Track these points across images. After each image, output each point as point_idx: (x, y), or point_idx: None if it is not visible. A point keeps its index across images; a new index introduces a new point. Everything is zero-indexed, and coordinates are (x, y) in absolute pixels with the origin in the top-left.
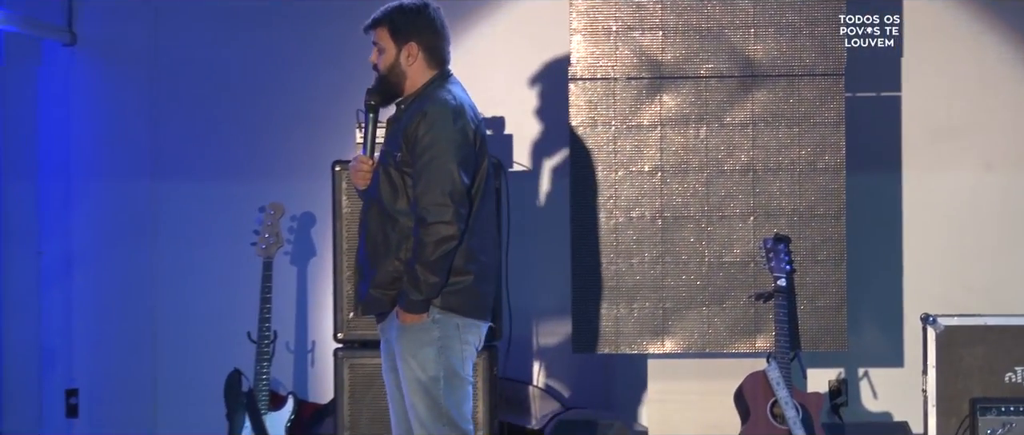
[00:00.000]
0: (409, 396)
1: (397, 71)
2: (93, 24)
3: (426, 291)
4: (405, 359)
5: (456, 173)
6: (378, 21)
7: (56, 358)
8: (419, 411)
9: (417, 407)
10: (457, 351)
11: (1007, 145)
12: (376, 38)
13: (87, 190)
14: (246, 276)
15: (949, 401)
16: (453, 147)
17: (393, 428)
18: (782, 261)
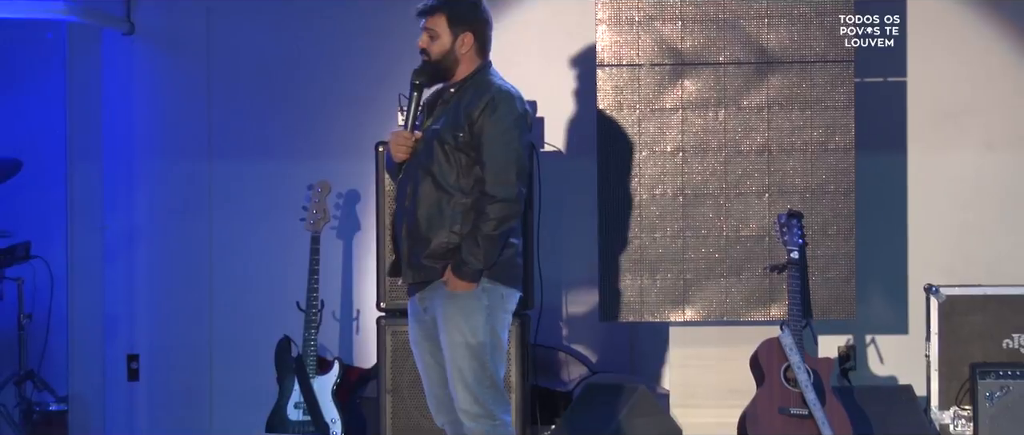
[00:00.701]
0: (456, 360)
1: (450, 58)
2: (150, 14)
3: (484, 261)
4: (455, 324)
5: (523, 154)
6: (435, 8)
7: (118, 325)
8: (465, 374)
9: (464, 371)
10: (500, 319)
11: (1006, 127)
12: (430, 24)
13: (148, 169)
14: (295, 249)
15: (950, 366)
16: (519, 130)
17: (429, 396)
18: (795, 235)
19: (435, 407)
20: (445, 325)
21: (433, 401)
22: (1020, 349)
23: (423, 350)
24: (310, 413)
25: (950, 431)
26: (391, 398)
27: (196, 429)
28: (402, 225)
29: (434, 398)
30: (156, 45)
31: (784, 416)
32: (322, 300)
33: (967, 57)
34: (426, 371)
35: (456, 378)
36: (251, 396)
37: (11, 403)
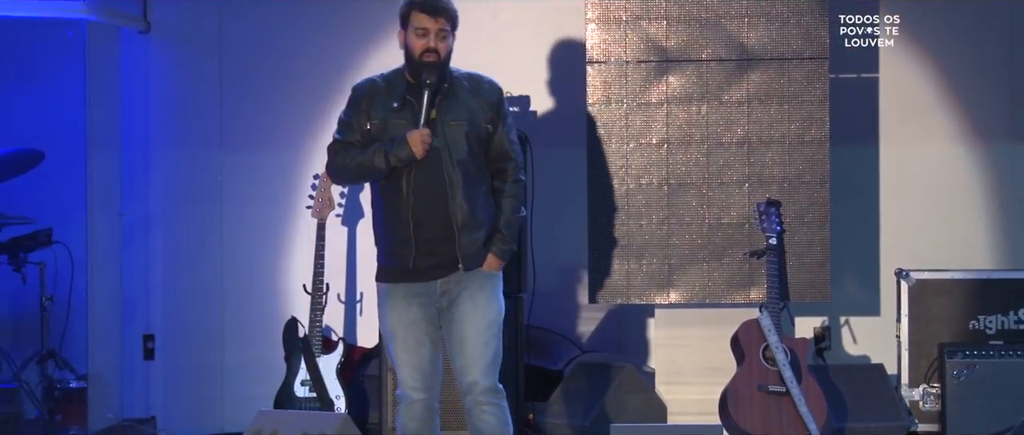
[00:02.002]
0: (486, 339)
1: (449, 57)
2: (165, 13)
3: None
4: (489, 305)
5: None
6: (450, 12)
7: (135, 307)
8: (493, 349)
9: (492, 345)
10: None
11: (972, 121)
12: (445, 26)
13: (163, 159)
14: (302, 236)
15: (920, 346)
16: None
17: (415, 372)
18: (773, 222)
19: (421, 383)
20: (475, 307)
21: (420, 378)
22: (985, 330)
23: (419, 330)
24: (316, 390)
25: (920, 407)
26: (392, 376)
27: (208, 405)
28: (438, 215)
29: (421, 375)
30: (171, 42)
31: (763, 393)
32: (327, 283)
33: (935, 56)
34: (418, 349)
35: (481, 356)
36: (260, 374)
37: (34, 381)
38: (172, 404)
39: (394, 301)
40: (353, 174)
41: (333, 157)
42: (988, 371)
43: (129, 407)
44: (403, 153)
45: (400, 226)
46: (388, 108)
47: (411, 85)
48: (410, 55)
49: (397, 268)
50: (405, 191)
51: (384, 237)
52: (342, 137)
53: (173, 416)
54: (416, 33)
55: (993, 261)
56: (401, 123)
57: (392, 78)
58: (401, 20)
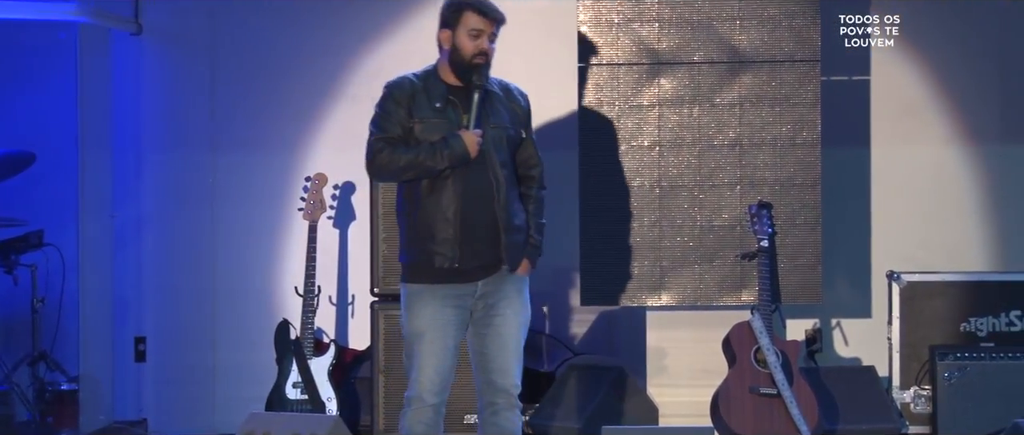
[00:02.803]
0: (518, 342)
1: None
2: (157, 15)
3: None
4: (527, 308)
5: None
6: (504, 20)
7: (126, 309)
8: (520, 351)
9: (520, 348)
10: None
11: (963, 123)
12: (496, 30)
13: (154, 161)
14: (293, 238)
15: (911, 348)
16: None
17: (435, 374)
18: (765, 225)
19: (439, 387)
20: (514, 311)
21: (439, 382)
22: (976, 332)
23: (448, 333)
24: (307, 392)
25: (911, 410)
26: (384, 378)
27: (199, 407)
28: (484, 217)
29: (441, 379)
30: (163, 44)
31: (754, 395)
32: (319, 286)
33: (926, 58)
34: (443, 353)
35: (517, 361)
36: (252, 376)
37: (25, 383)
38: (163, 406)
39: (427, 302)
40: (399, 171)
41: (377, 153)
42: (979, 373)
43: (120, 409)
44: (459, 153)
45: (446, 225)
46: (431, 108)
47: (452, 86)
48: (460, 56)
49: (437, 268)
50: (453, 191)
51: (424, 237)
52: (385, 133)
53: (164, 418)
54: (470, 34)
55: (984, 263)
56: (443, 123)
57: (427, 78)
58: (447, 20)
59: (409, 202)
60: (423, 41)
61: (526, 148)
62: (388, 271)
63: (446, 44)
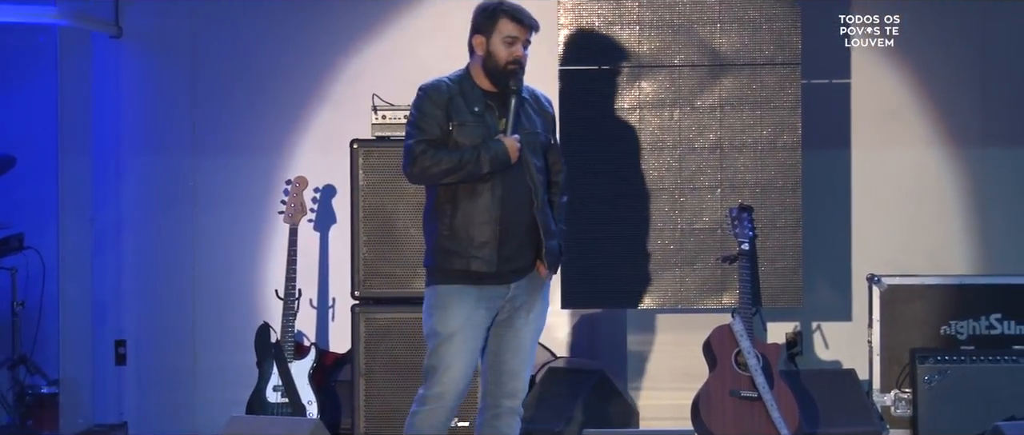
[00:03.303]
0: (533, 344)
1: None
2: (137, 18)
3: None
4: (545, 314)
5: None
6: (538, 27)
7: (107, 312)
8: (533, 357)
9: (534, 353)
10: None
11: (944, 126)
12: (530, 38)
13: (134, 164)
14: (274, 241)
15: (891, 351)
16: None
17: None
18: (745, 228)
19: (463, 388)
20: (536, 316)
21: (464, 382)
22: (957, 335)
23: (479, 335)
24: (288, 395)
25: (891, 413)
26: (364, 381)
27: (180, 410)
28: (522, 220)
29: (466, 380)
30: (143, 47)
31: (735, 398)
32: (299, 289)
33: (907, 61)
34: (473, 354)
35: (527, 364)
36: (232, 379)
37: (5, 386)
38: (144, 409)
39: (462, 303)
40: (441, 174)
41: (419, 155)
42: (959, 376)
43: (101, 412)
44: (502, 158)
45: (485, 229)
46: (469, 112)
47: (488, 91)
48: (494, 62)
49: (473, 271)
50: (493, 195)
51: (462, 240)
52: (426, 136)
53: (145, 421)
54: (505, 41)
55: (965, 266)
56: (481, 128)
57: (462, 82)
58: (481, 25)
59: (446, 205)
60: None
61: (553, 154)
62: (368, 274)
63: (480, 49)
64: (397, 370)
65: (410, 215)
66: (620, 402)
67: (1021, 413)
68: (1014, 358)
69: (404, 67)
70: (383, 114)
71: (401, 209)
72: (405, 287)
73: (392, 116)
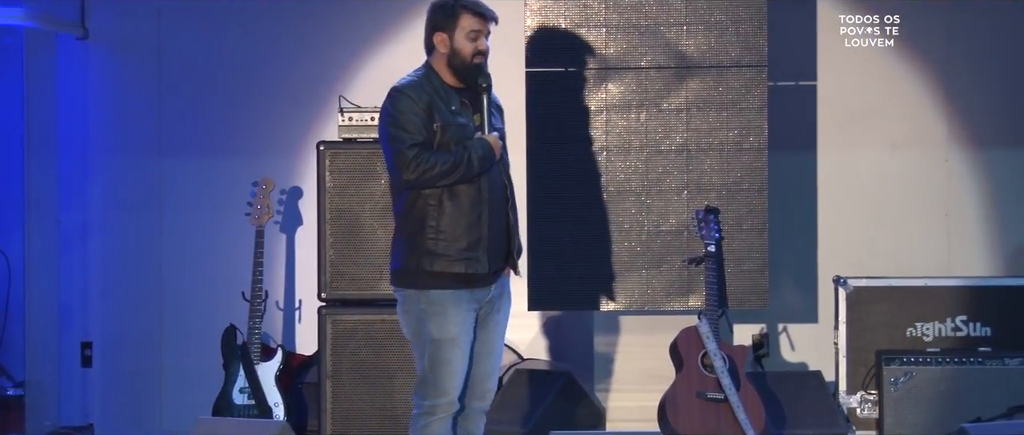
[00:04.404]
0: (502, 343)
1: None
2: (103, 20)
3: None
4: (510, 309)
5: None
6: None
7: (73, 314)
8: (501, 355)
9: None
10: None
11: (909, 128)
12: (490, 30)
13: (101, 166)
14: (240, 243)
15: (857, 352)
16: None
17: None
18: (712, 230)
19: (461, 390)
20: (504, 316)
21: (462, 384)
22: (923, 337)
23: (471, 338)
24: (254, 397)
25: (857, 414)
26: (331, 383)
27: (146, 413)
28: (500, 220)
29: (463, 381)
30: (109, 48)
31: (701, 400)
32: (266, 291)
33: (872, 63)
34: (465, 357)
35: (497, 363)
36: (198, 381)
37: None
38: (110, 411)
39: (458, 307)
40: (438, 176)
41: (413, 159)
42: (925, 378)
43: (67, 415)
44: (488, 156)
45: (474, 230)
46: (449, 111)
47: (457, 88)
48: (460, 58)
49: (467, 273)
50: (477, 196)
51: (451, 242)
52: (417, 140)
53: (111, 423)
54: (468, 35)
55: (931, 268)
56: (466, 126)
57: (431, 80)
58: (440, 23)
59: (429, 207)
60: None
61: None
62: (335, 276)
63: (443, 47)
64: (363, 372)
65: (376, 217)
66: (587, 404)
67: (987, 414)
68: (980, 360)
69: (370, 69)
70: (349, 116)
71: (367, 211)
72: (371, 289)
73: (359, 118)
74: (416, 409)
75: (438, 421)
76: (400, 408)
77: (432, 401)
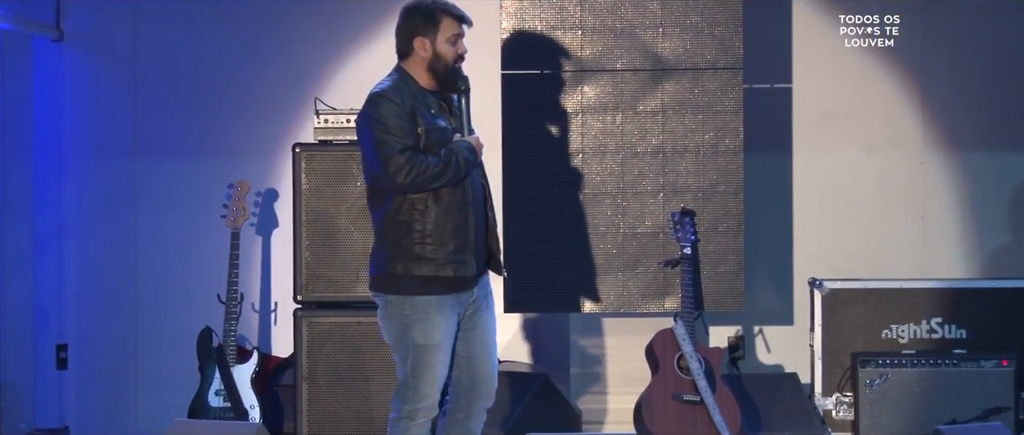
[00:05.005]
0: (496, 342)
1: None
2: (78, 21)
3: None
4: (494, 304)
5: None
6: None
7: (48, 316)
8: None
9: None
10: None
11: (884, 131)
12: (464, 33)
13: (76, 168)
14: (216, 244)
15: (833, 355)
16: None
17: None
18: (688, 232)
19: (440, 391)
20: (491, 312)
21: (440, 385)
22: (898, 339)
23: (450, 344)
24: (230, 400)
25: (833, 416)
26: (307, 385)
27: (122, 415)
28: (481, 221)
29: (441, 382)
30: (84, 50)
31: (677, 402)
32: (241, 293)
33: (847, 66)
34: (446, 363)
35: (495, 362)
36: (174, 384)
37: None
38: (85, 413)
39: (442, 312)
40: (430, 180)
41: (405, 163)
42: (900, 380)
43: (42, 417)
44: (473, 158)
45: (460, 234)
46: (429, 114)
47: (431, 91)
48: (442, 61)
49: (453, 277)
50: (461, 198)
51: (436, 245)
52: (406, 143)
53: (86, 425)
54: (449, 39)
55: (906, 270)
56: (447, 129)
57: (408, 83)
58: (421, 28)
59: (414, 212)
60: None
61: None
62: (311, 278)
63: (424, 51)
64: (339, 374)
65: (352, 219)
66: (563, 406)
67: (962, 417)
68: (955, 362)
69: (346, 71)
70: (325, 118)
71: (343, 213)
72: (347, 291)
73: (334, 120)
74: (394, 413)
75: (417, 426)
76: (376, 410)
77: (412, 406)
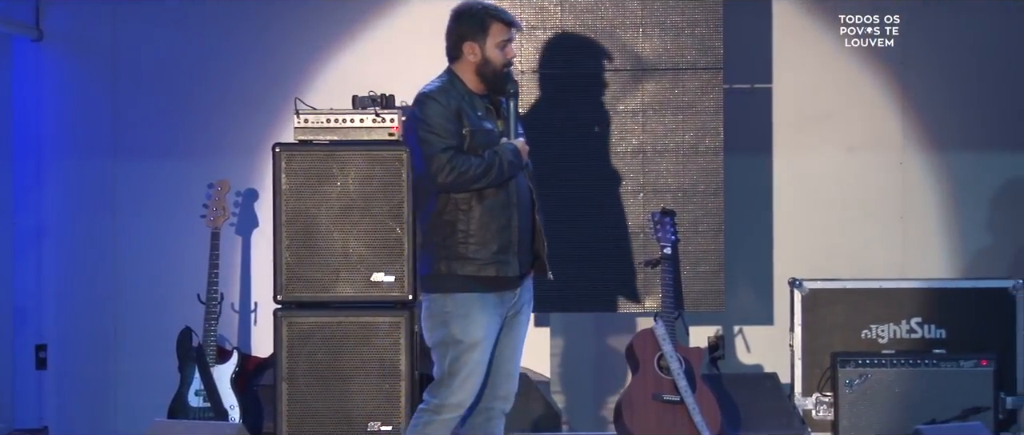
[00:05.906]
0: (523, 346)
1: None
2: (58, 22)
3: None
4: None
5: None
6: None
7: (27, 317)
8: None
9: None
10: None
11: (864, 131)
12: (514, 37)
13: (56, 168)
14: (196, 244)
15: (813, 354)
16: None
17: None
18: (668, 232)
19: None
20: (526, 316)
21: (475, 388)
22: (878, 339)
23: (491, 345)
24: (210, 400)
25: (813, 416)
26: (287, 385)
27: (101, 415)
28: (527, 223)
29: (477, 384)
30: (64, 50)
31: (657, 402)
32: (221, 293)
33: (828, 66)
34: (486, 362)
35: (518, 366)
36: (153, 384)
37: None
38: (64, 414)
39: (485, 310)
40: (472, 180)
41: (447, 162)
42: (880, 380)
43: (21, 417)
44: (518, 161)
45: (505, 234)
46: (475, 116)
47: (479, 94)
48: (492, 67)
49: (498, 276)
50: (507, 199)
51: (480, 245)
52: (449, 143)
53: (65, 425)
54: (499, 44)
55: (886, 270)
56: (493, 132)
57: (456, 86)
58: (470, 32)
59: (458, 212)
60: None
61: None
62: (291, 278)
63: (474, 56)
64: (319, 374)
65: (332, 219)
66: (542, 405)
67: (941, 416)
68: (934, 361)
69: (327, 71)
70: (305, 118)
71: (323, 213)
72: (328, 291)
73: (315, 120)
74: (423, 404)
75: (441, 422)
76: (356, 410)
77: (441, 400)
